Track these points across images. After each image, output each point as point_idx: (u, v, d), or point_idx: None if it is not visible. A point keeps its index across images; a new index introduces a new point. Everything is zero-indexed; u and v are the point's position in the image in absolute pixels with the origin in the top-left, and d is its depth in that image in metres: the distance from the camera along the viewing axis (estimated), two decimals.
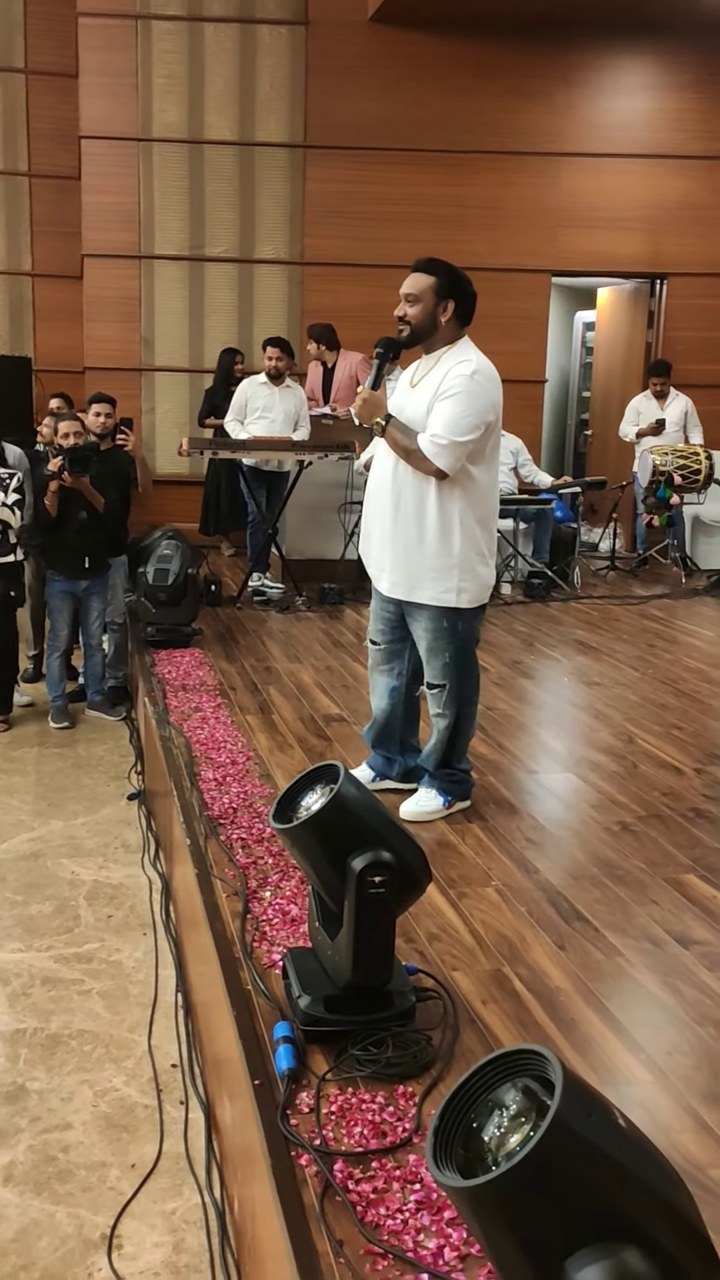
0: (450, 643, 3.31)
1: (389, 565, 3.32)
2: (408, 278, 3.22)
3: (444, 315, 3.21)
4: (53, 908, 3.67)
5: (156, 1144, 2.52)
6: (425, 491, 3.22)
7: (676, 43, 8.58)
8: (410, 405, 3.25)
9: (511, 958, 2.56)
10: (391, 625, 3.44)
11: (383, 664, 3.51)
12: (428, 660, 3.36)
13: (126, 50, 8.35)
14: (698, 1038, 2.26)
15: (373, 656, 3.55)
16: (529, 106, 8.61)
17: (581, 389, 10.86)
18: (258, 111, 8.52)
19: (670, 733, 4.34)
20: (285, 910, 2.74)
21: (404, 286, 3.22)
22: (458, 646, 3.32)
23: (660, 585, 7.63)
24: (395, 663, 3.48)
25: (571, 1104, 1.13)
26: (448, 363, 3.20)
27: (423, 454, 3.14)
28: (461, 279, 3.23)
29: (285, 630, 6.09)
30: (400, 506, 3.26)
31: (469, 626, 3.33)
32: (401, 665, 3.48)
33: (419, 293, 3.19)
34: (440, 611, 3.28)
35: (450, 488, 3.20)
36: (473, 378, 3.15)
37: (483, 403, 3.16)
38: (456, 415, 3.12)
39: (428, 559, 3.24)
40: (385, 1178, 1.81)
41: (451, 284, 3.20)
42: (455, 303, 3.20)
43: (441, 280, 3.19)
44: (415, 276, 3.21)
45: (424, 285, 3.19)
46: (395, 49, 8.41)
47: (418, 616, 3.34)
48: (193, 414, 8.56)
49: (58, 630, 5.51)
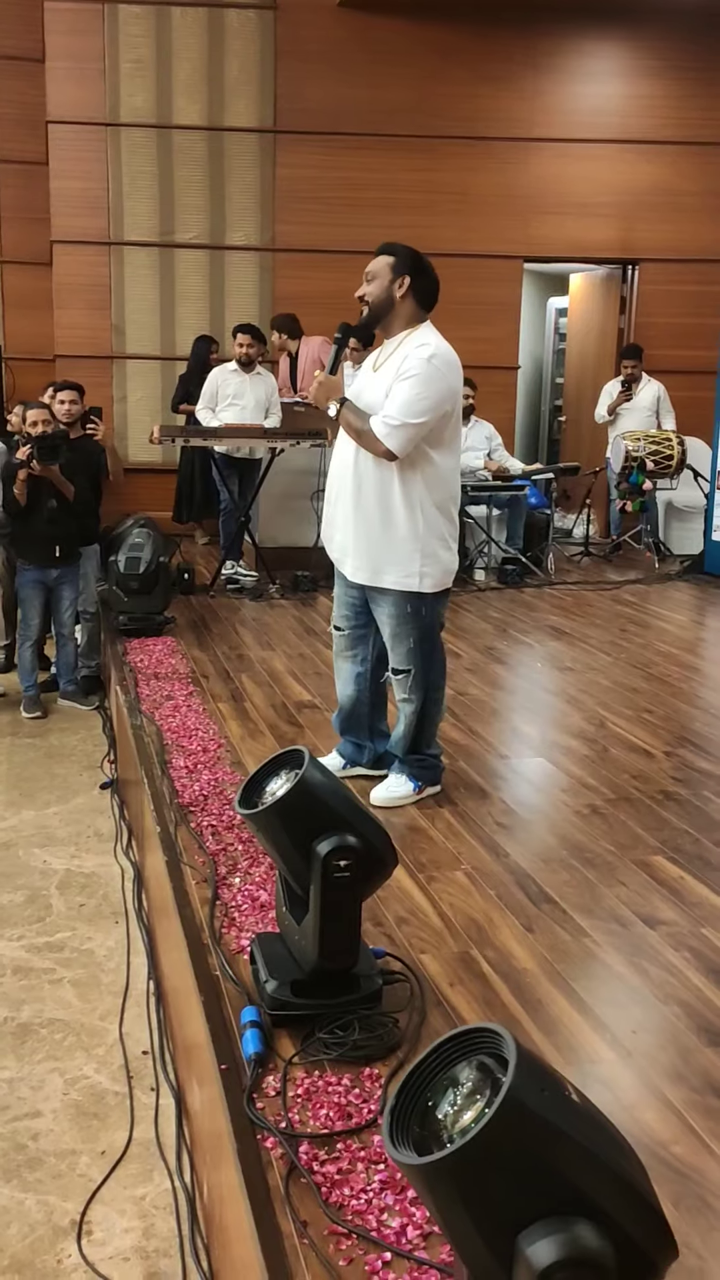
0: (414, 627, 3.31)
1: (352, 550, 3.33)
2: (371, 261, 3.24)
3: (399, 290, 3.20)
4: (24, 897, 3.66)
5: (127, 1131, 2.52)
6: (387, 477, 3.22)
7: (645, 28, 8.59)
8: (370, 389, 3.25)
9: (479, 940, 2.57)
10: (356, 611, 3.44)
11: (347, 650, 3.51)
12: (392, 646, 3.37)
13: (93, 34, 8.28)
14: (662, 1016, 2.28)
15: (337, 643, 3.55)
16: (497, 92, 8.60)
17: (555, 375, 10.87)
18: (227, 96, 8.47)
19: (641, 716, 4.37)
20: (254, 896, 2.74)
21: (366, 269, 3.24)
22: (421, 631, 3.33)
23: (634, 570, 7.66)
24: (360, 648, 3.49)
25: (524, 1080, 1.14)
26: (408, 346, 3.21)
27: (373, 434, 3.15)
28: (421, 260, 3.24)
29: (258, 618, 6.08)
30: (362, 492, 3.26)
31: (432, 611, 3.34)
32: (366, 651, 3.48)
33: (376, 271, 3.22)
34: (404, 596, 3.28)
35: (411, 473, 3.21)
36: (430, 361, 3.15)
37: (439, 387, 3.15)
38: (411, 398, 3.12)
39: (390, 544, 3.25)
40: (350, 1159, 1.82)
41: (410, 262, 3.21)
42: (412, 279, 3.20)
43: (398, 259, 3.21)
44: (376, 259, 3.24)
45: (381, 264, 3.22)
46: (364, 33, 8.38)
47: (381, 602, 3.34)
48: (164, 401, 8.52)
49: (29, 620, 5.48)
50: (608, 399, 8.34)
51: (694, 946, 2.56)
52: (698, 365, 8.50)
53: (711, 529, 7.56)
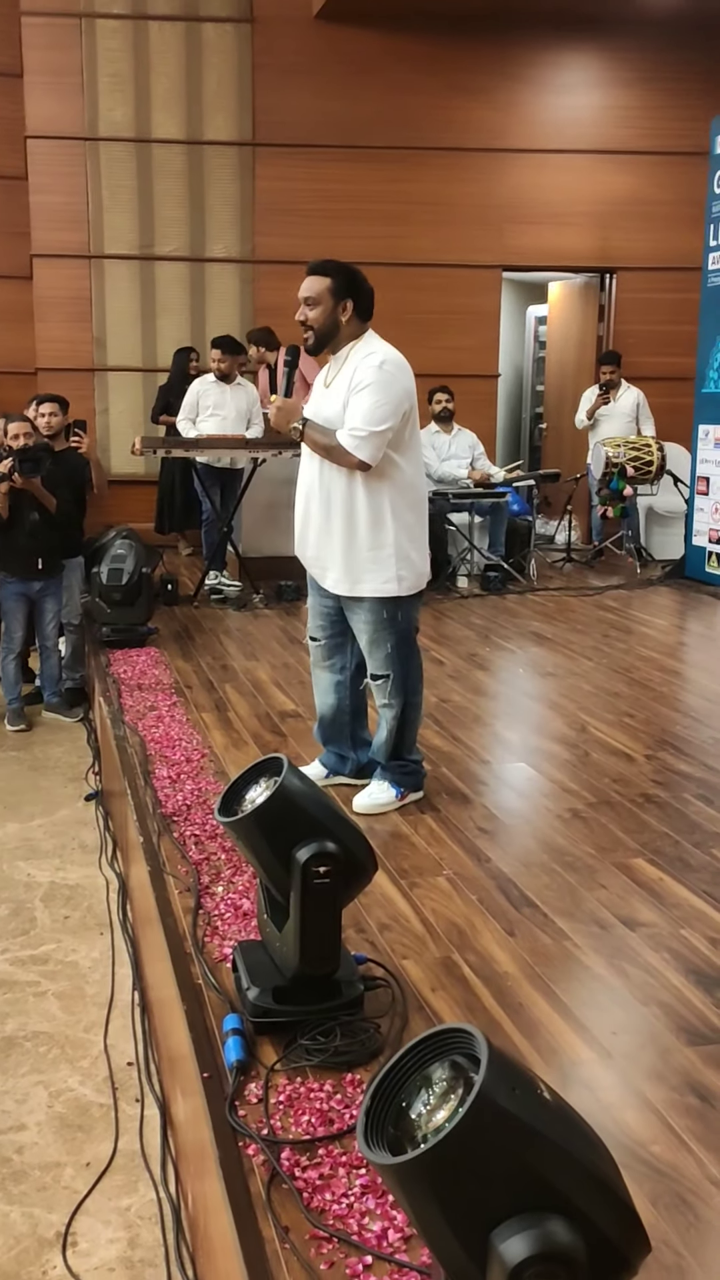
0: (391, 632, 3.34)
1: (330, 563, 3.35)
2: (304, 280, 3.24)
3: (344, 315, 3.24)
4: (8, 910, 3.65)
5: (111, 1142, 2.52)
6: (353, 487, 3.26)
7: (619, 40, 8.67)
8: (326, 405, 3.29)
9: (461, 945, 2.59)
10: (331, 620, 3.47)
11: (324, 660, 3.53)
12: (370, 652, 3.38)
13: (71, 49, 8.30)
14: (642, 1017, 2.30)
15: (314, 653, 3.56)
16: (473, 103, 8.66)
17: (535, 383, 10.93)
18: (205, 110, 8.51)
19: (622, 720, 4.40)
20: (237, 905, 2.75)
21: (301, 290, 3.24)
22: (399, 636, 3.35)
23: (615, 576, 7.70)
24: (337, 657, 3.50)
25: (496, 1079, 1.16)
26: (355, 357, 3.24)
27: (343, 449, 3.18)
28: (357, 276, 3.26)
29: (242, 628, 6.09)
30: (331, 504, 3.29)
31: (407, 614, 3.37)
32: (344, 659, 3.50)
33: (317, 295, 3.22)
34: (380, 602, 3.31)
35: (378, 479, 3.24)
36: (381, 368, 3.19)
37: (395, 390, 3.19)
38: (371, 406, 3.16)
39: (365, 552, 3.28)
40: (331, 1164, 1.82)
41: (348, 283, 3.23)
42: (354, 301, 3.23)
43: (337, 281, 3.22)
44: (311, 280, 3.24)
45: (321, 288, 3.21)
46: (340, 46, 8.43)
47: (357, 610, 3.36)
48: (146, 413, 8.54)
49: (12, 632, 5.48)
50: (587, 405, 8.39)
51: (673, 948, 2.58)
52: (676, 372, 8.56)
53: (692, 534, 7.61)
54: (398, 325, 7.79)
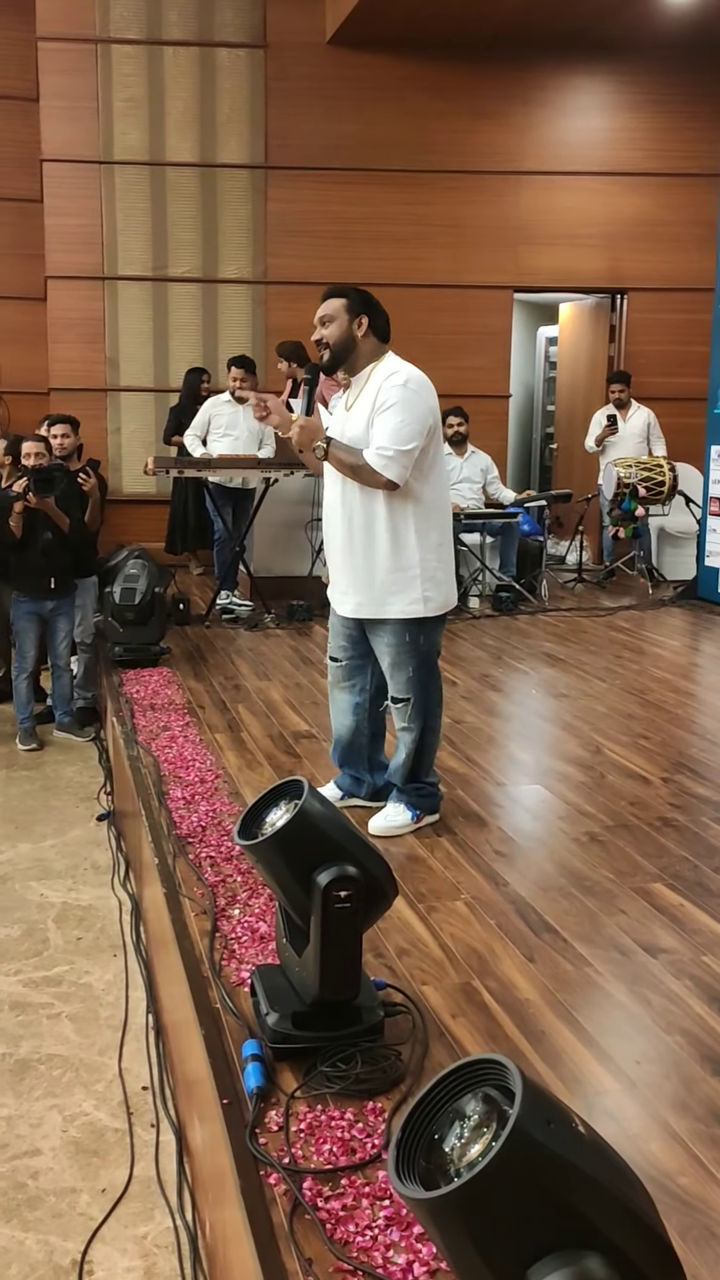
0: (414, 655, 3.32)
1: (350, 587, 3.34)
2: (320, 305, 3.27)
3: (359, 330, 3.25)
4: (21, 931, 3.64)
5: (127, 1168, 2.50)
6: (374, 507, 3.25)
7: (631, 63, 8.72)
8: (349, 426, 3.29)
9: (481, 970, 2.56)
10: (353, 641, 3.45)
11: (344, 680, 3.51)
12: (391, 675, 3.37)
13: (87, 74, 8.38)
14: (666, 1046, 2.27)
15: (333, 673, 3.54)
16: (487, 126, 8.72)
17: (546, 403, 10.95)
18: (218, 133, 8.57)
19: (637, 742, 4.37)
20: (254, 928, 2.73)
21: (317, 313, 3.27)
22: (421, 659, 3.34)
23: (627, 597, 7.69)
24: (357, 678, 3.49)
25: (531, 1112, 1.14)
26: (377, 378, 3.25)
27: (371, 468, 3.17)
28: (371, 298, 3.29)
29: (254, 648, 6.08)
30: (353, 526, 3.29)
31: (430, 638, 3.36)
32: (364, 681, 3.48)
33: (332, 313, 3.25)
34: (404, 625, 3.29)
35: (400, 499, 3.23)
36: (405, 386, 3.19)
37: (420, 409, 3.20)
38: (397, 425, 3.16)
39: (388, 574, 3.27)
40: (354, 1194, 1.80)
41: (362, 301, 3.26)
42: (369, 318, 3.25)
43: (352, 300, 3.25)
44: (326, 302, 3.27)
45: (335, 306, 3.25)
46: (353, 71, 8.49)
47: (381, 632, 3.35)
48: (158, 433, 8.57)
49: (25, 651, 5.48)
50: (597, 428, 8.40)
51: (695, 974, 2.55)
52: (687, 392, 8.57)
53: (704, 554, 7.59)
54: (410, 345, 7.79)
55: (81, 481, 5.67)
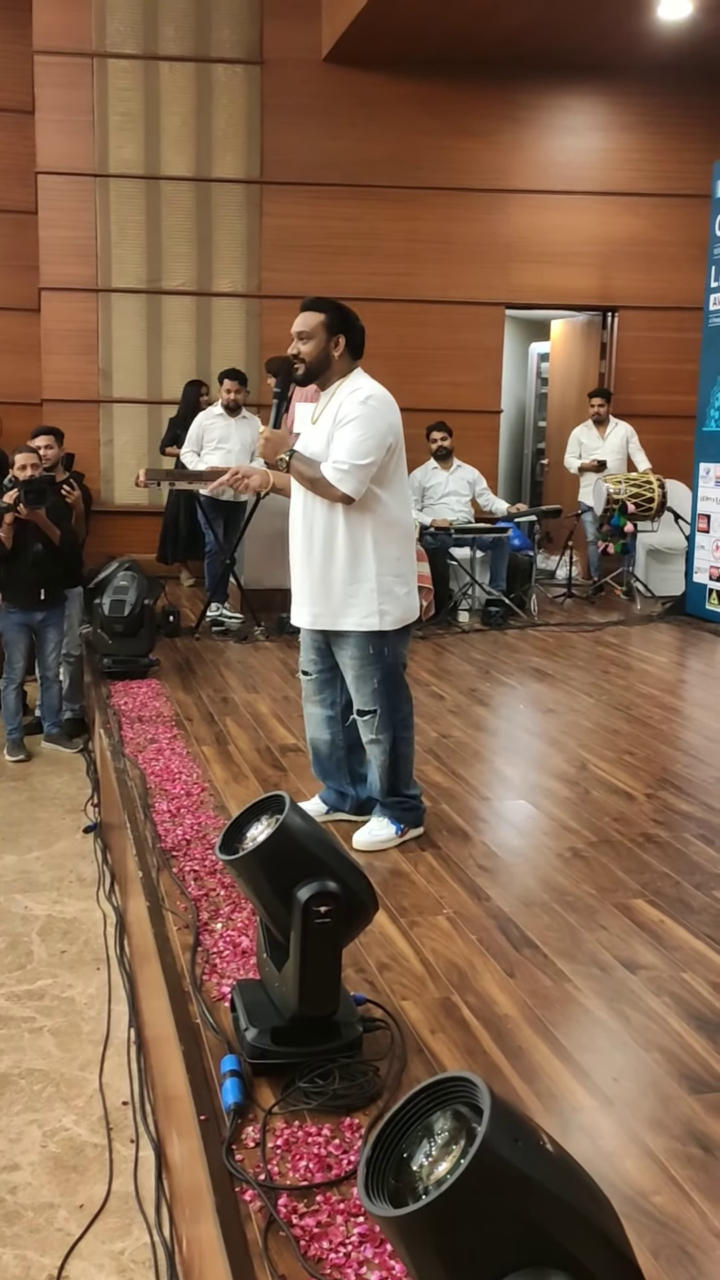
0: (377, 668, 3.34)
1: (308, 598, 3.37)
2: (298, 316, 3.29)
3: (336, 350, 3.28)
4: (5, 944, 3.63)
5: (106, 1184, 2.49)
6: (334, 520, 3.28)
7: (622, 84, 8.79)
8: (313, 441, 3.32)
9: (461, 986, 2.57)
10: (322, 654, 3.47)
11: (315, 694, 3.52)
12: (356, 688, 3.38)
13: (83, 88, 8.42)
14: (643, 1063, 2.28)
15: (305, 688, 3.56)
16: (477, 144, 8.78)
17: (537, 419, 11.00)
18: (214, 148, 8.61)
19: (623, 758, 4.39)
20: (236, 942, 2.74)
21: (295, 325, 3.28)
22: (384, 671, 3.35)
23: (616, 612, 7.71)
24: (328, 692, 3.50)
25: (499, 1130, 1.15)
26: (342, 394, 3.29)
27: (327, 482, 3.21)
28: (349, 315, 3.32)
29: (243, 660, 6.09)
30: (313, 538, 3.32)
31: (394, 650, 3.37)
32: (334, 694, 3.50)
33: (310, 330, 3.26)
34: (365, 637, 3.32)
35: (360, 513, 3.26)
36: (366, 403, 3.23)
37: (379, 425, 3.23)
38: (355, 440, 3.19)
39: (345, 586, 3.29)
40: (329, 1211, 1.80)
41: (340, 319, 3.28)
42: (345, 337, 3.28)
43: (331, 317, 3.27)
44: (305, 315, 3.29)
45: (315, 323, 3.26)
46: (348, 88, 8.55)
47: (342, 645, 3.37)
48: (151, 445, 8.59)
49: (13, 662, 5.48)
50: (576, 445, 8.45)
51: (674, 991, 2.56)
52: (677, 410, 8.62)
53: (692, 571, 7.63)
54: (402, 360, 7.90)
55: (65, 493, 5.69)
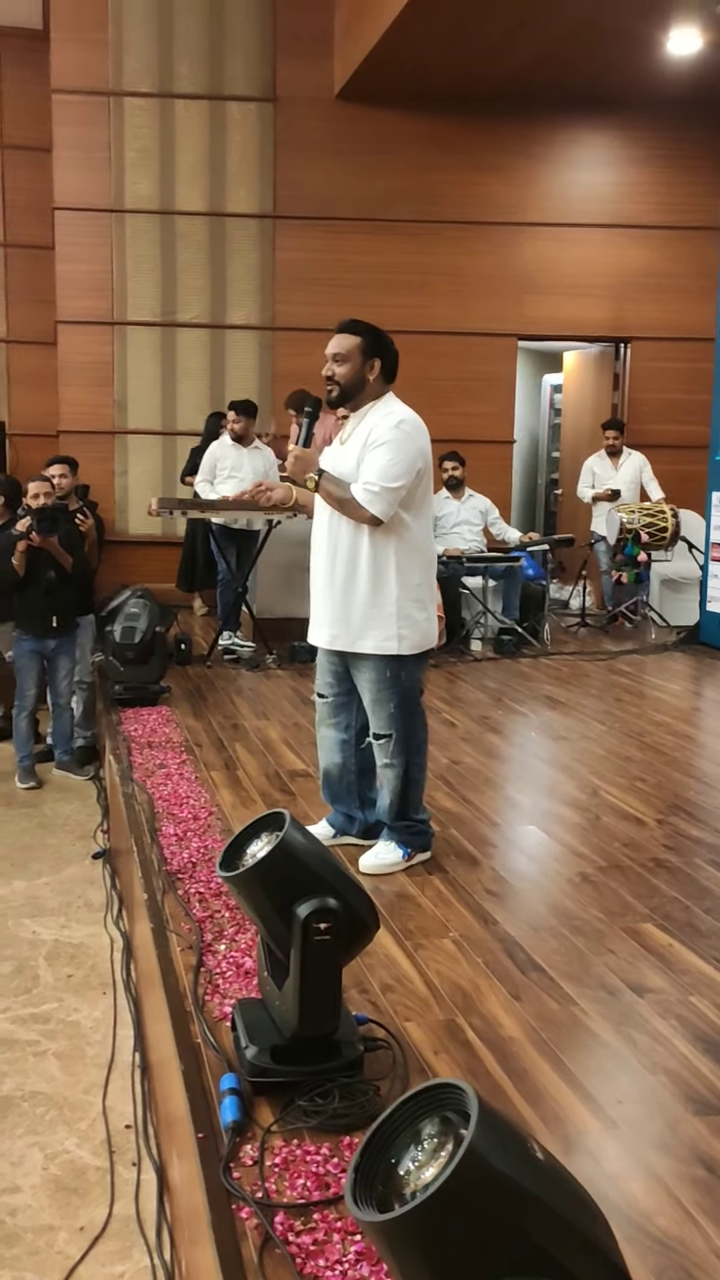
0: (394, 692, 3.33)
1: (328, 619, 3.37)
2: (332, 339, 3.30)
3: (371, 374, 3.30)
4: (11, 968, 3.62)
5: (107, 1207, 2.47)
6: (359, 542, 3.29)
7: (633, 119, 8.89)
8: (341, 461, 3.33)
9: (465, 1008, 2.54)
10: (339, 677, 3.47)
11: (330, 718, 3.52)
12: (373, 710, 3.38)
13: (99, 126, 8.57)
14: (649, 1086, 2.25)
15: (320, 710, 3.55)
16: (490, 179, 8.87)
17: (551, 449, 11.04)
18: (228, 184, 8.74)
19: (634, 785, 4.36)
20: (239, 963, 2.72)
21: (330, 347, 3.29)
22: (401, 695, 3.34)
23: (630, 641, 7.69)
24: (342, 715, 3.50)
25: (486, 1135, 1.13)
26: (374, 417, 3.30)
27: (357, 502, 3.22)
28: (384, 338, 3.33)
29: (254, 688, 6.10)
30: (336, 558, 3.33)
31: (411, 674, 3.37)
32: (349, 718, 3.49)
33: (346, 353, 3.28)
34: (383, 661, 3.31)
35: (384, 536, 3.27)
36: (399, 427, 3.24)
37: (410, 450, 3.24)
38: (386, 463, 3.20)
39: (365, 609, 3.29)
40: (326, 1229, 1.78)
41: (376, 343, 3.29)
42: (381, 361, 3.30)
43: (366, 340, 3.28)
44: (340, 338, 3.29)
45: (350, 346, 3.27)
46: (360, 125, 8.67)
47: (361, 667, 3.37)
48: (165, 476, 8.67)
49: (25, 690, 5.50)
50: (589, 475, 8.47)
51: (682, 1015, 2.52)
52: (689, 440, 8.64)
53: (706, 600, 7.60)
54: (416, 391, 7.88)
55: (79, 522, 5.73)
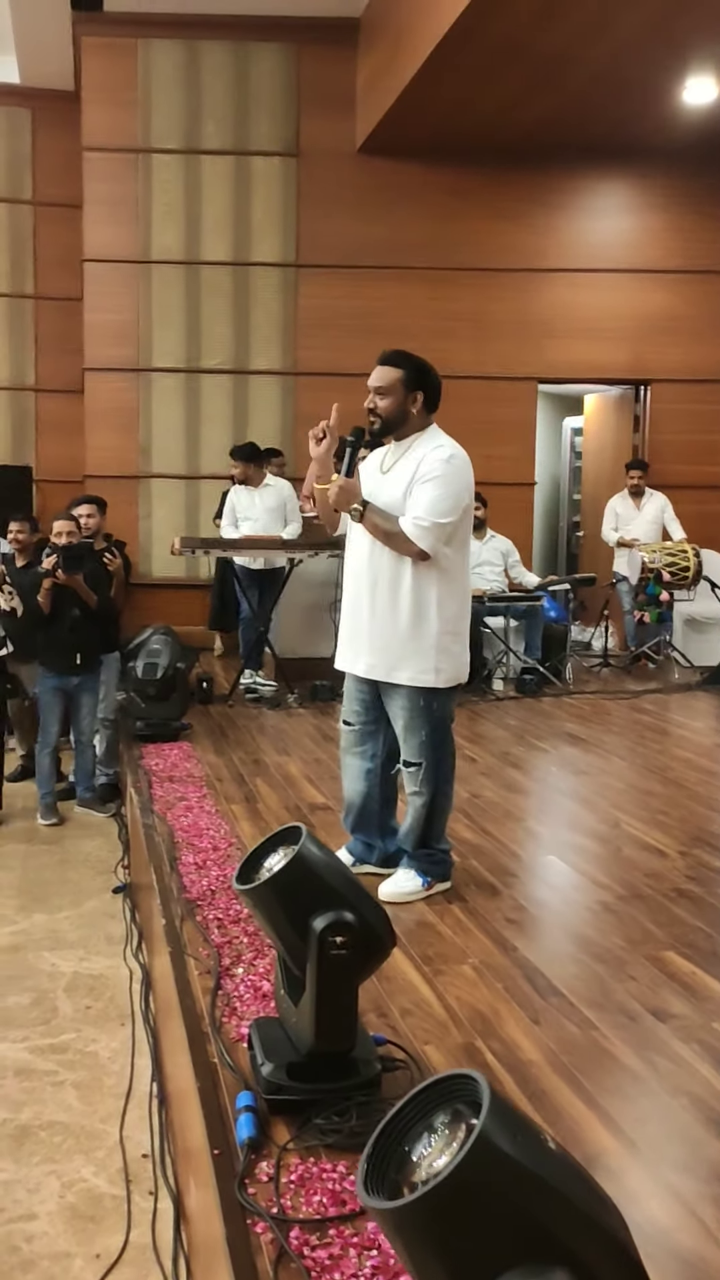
0: (426, 721, 3.33)
1: (366, 648, 3.36)
2: (375, 370, 3.31)
3: (414, 406, 3.30)
4: (30, 999, 3.62)
5: (123, 1235, 2.45)
6: (401, 573, 3.28)
7: (649, 166, 9.03)
8: (384, 491, 3.31)
9: (485, 1032, 2.52)
10: (367, 706, 3.46)
11: (356, 745, 3.51)
12: (404, 738, 3.37)
13: (128, 181, 8.79)
14: (669, 1108, 2.21)
15: (345, 738, 3.54)
16: (510, 228, 9.01)
17: (572, 492, 11.09)
18: (252, 235, 8.92)
19: (656, 818, 4.32)
20: (257, 986, 2.71)
21: (372, 379, 3.30)
22: (434, 724, 3.34)
23: (653, 681, 7.66)
24: (369, 744, 3.49)
25: (498, 1123, 1.13)
26: (421, 449, 3.29)
27: (405, 536, 3.21)
28: (427, 369, 3.33)
29: (276, 726, 6.11)
30: (377, 589, 3.32)
31: (444, 705, 3.36)
32: (375, 746, 3.48)
33: (388, 386, 3.28)
34: (418, 691, 3.30)
35: (427, 569, 3.27)
36: (449, 462, 3.25)
37: (459, 485, 3.26)
38: (436, 498, 3.21)
39: (405, 640, 3.28)
40: (342, 1244, 1.76)
41: (419, 376, 3.30)
42: (424, 394, 3.31)
43: (409, 373, 3.29)
44: (382, 370, 3.30)
45: (393, 379, 3.28)
46: (381, 177, 8.85)
47: (394, 695, 3.36)
48: (188, 519, 8.77)
49: (48, 726, 5.54)
50: (613, 516, 8.49)
51: (704, 1040, 2.49)
52: (710, 480, 8.67)
53: None
54: None
55: (107, 561, 5.80)
